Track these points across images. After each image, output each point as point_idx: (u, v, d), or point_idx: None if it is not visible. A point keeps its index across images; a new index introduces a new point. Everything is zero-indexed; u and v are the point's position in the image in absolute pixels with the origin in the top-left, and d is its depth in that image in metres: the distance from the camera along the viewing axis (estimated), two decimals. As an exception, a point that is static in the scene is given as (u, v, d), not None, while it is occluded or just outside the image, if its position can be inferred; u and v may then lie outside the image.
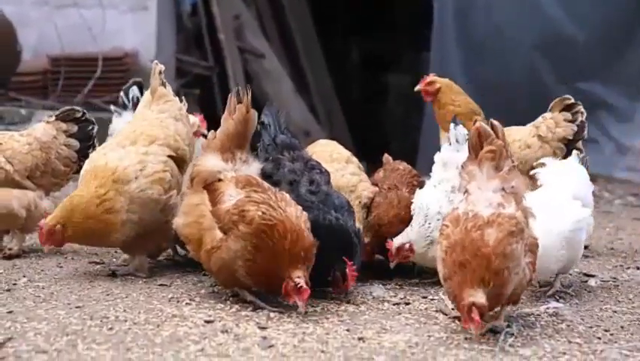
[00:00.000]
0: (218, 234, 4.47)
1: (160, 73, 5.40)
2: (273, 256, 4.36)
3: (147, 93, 5.48)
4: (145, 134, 5.23)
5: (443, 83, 6.61)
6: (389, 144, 15.17)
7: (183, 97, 5.57)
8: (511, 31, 12.26)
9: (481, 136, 4.28)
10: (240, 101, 4.83)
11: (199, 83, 12.48)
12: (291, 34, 15.08)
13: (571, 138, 6.13)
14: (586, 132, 6.23)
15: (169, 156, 5.21)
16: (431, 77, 6.62)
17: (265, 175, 4.85)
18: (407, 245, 5.09)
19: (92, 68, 11.16)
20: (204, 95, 12.26)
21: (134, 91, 6.75)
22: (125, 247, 5.29)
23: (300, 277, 4.30)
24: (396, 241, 5.10)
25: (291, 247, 4.37)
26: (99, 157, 5.16)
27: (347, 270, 4.62)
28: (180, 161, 5.28)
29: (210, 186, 4.65)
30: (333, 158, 5.69)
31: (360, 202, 5.45)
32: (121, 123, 6.34)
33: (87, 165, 5.19)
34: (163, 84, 5.41)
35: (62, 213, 4.97)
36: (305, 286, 4.29)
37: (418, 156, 11.68)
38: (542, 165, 5.37)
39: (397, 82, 17.50)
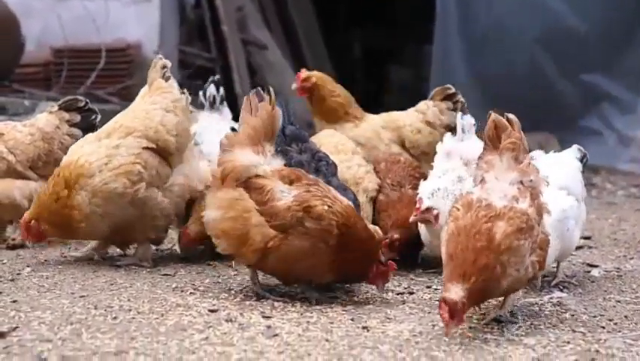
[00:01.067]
0: (272, 232, 4.39)
1: (163, 67, 5.38)
2: (351, 246, 4.43)
3: (146, 86, 5.45)
4: (123, 127, 5.21)
5: (317, 76, 6.62)
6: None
7: (186, 90, 5.50)
8: (514, 23, 12.25)
9: (497, 128, 4.21)
10: (261, 100, 4.68)
11: (202, 74, 12.45)
12: (293, 26, 15.06)
13: (454, 126, 6.11)
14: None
15: (149, 148, 5.18)
16: (305, 73, 6.60)
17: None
18: (435, 211, 5.08)
19: (95, 60, 11.15)
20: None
21: (211, 90, 6.71)
22: (114, 242, 5.37)
23: (384, 259, 4.51)
24: (427, 202, 5.10)
25: (362, 234, 4.48)
26: (74, 151, 5.20)
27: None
28: (164, 152, 5.24)
29: (250, 182, 4.49)
30: (339, 149, 5.70)
31: (367, 196, 5.46)
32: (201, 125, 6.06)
33: (64, 158, 5.22)
34: (165, 78, 5.37)
35: (33, 209, 5.13)
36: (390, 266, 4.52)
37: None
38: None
39: (399, 75, 17.52)
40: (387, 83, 17.79)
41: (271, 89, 4.75)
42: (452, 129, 5.93)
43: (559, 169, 5.10)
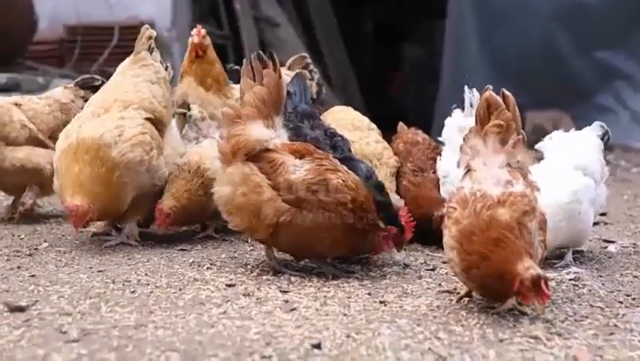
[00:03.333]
0: (284, 206, 4.38)
1: (150, 38, 5.31)
2: (364, 220, 4.44)
3: (126, 60, 5.37)
4: (119, 100, 5.14)
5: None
6: (403, 113, 15.19)
7: (168, 65, 5.44)
8: (529, 0, 12.21)
9: (490, 106, 4.09)
10: (265, 67, 4.61)
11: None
12: (305, 3, 15.03)
13: (315, 97, 6.10)
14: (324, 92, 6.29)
15: (148, 119, 5.14)
16: (205, 31, 6.18)
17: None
18: None
19: (108, 37, 11.15)
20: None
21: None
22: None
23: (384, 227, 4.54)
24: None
25: (372, 207, 4.49)
26: (74, 131, 5.02)
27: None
28: (159, 123, 5.21)
29: (261, 156, 4.47)
30: (356, 126, 5.70)
31: (390, 172, 5.45)
32: None
33: (63, 140, 5.03)
34: (150, 50, 5.31)
35: (84, 191, 4.84)
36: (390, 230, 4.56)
37: (434, 124, 11.67)
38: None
39: (411, 51, 17.48)
40: (399, 59, 17.75)
41: (273, 53, 4.67)
42: (313, 101, 5.91)
43: (576, 148, 5.06)
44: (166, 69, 5.37)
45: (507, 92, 4.15)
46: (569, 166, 4.94)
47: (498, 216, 3.80)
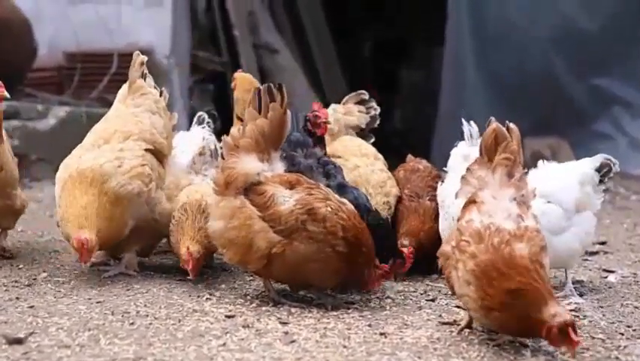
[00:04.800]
0: (276, 237, 4.38)
1: (142, 64, 5.29)
2: (356, 250, 4.41)
3: (124, 86, 5.35)
4: (119, 132, 5.09)
5: (239, 77, 6.21)
6: (402, 138, 15.19)
7: (164, 89, 5.39)
8: (526, 24, 12.22)
9: (497, 138, 4.11)
10: (272, 100, 4.63)
11: (213, 78, 12.48)
12: (304, 29, 15.07)
13: (363, 127, 6.17)
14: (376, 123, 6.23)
15: (148, 150, 5.11)
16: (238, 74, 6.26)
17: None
18: None
19: (107, 65, 11.15)
20: (218, 90, 12.25)
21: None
22: (119, 246, 5.14)
23: (378, 265, 4.52)
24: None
25: (365, 237, 4.46)
26: (74, 162, 4.97)
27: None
28: (159, 154, 5.19)
29: (252, 188, 4.47)
30: (363, 153, 5.72)
31: (387, 202, 5.46)
32: None
33: (63, 171, 4.98)
34: (143, 76, 5.29)
35: (91, 224, 4.76)
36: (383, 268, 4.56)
37: (433, 149, 11.69)
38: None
39: (410, 76, 17.51)
40: (398, 84, 17.78)
41: (284, 87, 4.67)
42: (361, 130, 6.08)
43: (549, 177, 5.02)
44: (161, 94, 5.35)
45: (512, 125, 4.16)
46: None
47: (517, 251, 3.76)
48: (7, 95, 5.01)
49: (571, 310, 4.56)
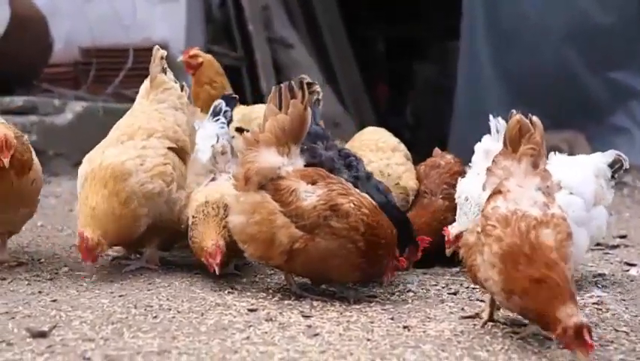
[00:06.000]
0: (298, 232, 4.37)
1: (162, 58, 5.21)
2: (377, 245, 4.40)
3: (146, 81, 5.27)
4: (142, 128, 5.04)
5: (206, 58, 6.61)
6: (418, 134, 15.18)
7: (184, 84, 5.36)
8: (541, 19, 12.19)
9: (521, 130, 4.08)
10: (293, 96, 4.61)
11: (228, 73, 12.47)
12: (318, 24, 15.07)
13: None
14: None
15: (171, 148, 5.05)
16: (195, 51, 6.64)
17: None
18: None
19: (123, 60, 11.18)
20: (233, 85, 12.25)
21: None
22: (138, 241, 5.13)
23: (397, 256, 4.51)
24: (453, 230, 5.04)
25: (387, 231, 4.44)
26: (97, 156, 4.95)
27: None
28: (182, 152, 5.12)
29: (273, 184, 4.46)
30: (379, 146, 5.68)
31: (405, 197, 5.43)
32: None
33: (86, 165, 4.95)
34: (164, 71, 5.22)
35: (97, 224, 4.73)
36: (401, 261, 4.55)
37: (449, 146, 11.66)
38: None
39: (425, 71, 17.48)
40: (412, 80, 17.76)
41: (304, 83, 4.68)
42: None
43: (566, 169, 4.98)
44: (182, 89, 5.28)
45: (535, 118, 4.14)
46: None
47: (544, 238, 3.73)
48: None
49: (593, 304, 4.56)
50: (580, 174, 4.98)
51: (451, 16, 13.23)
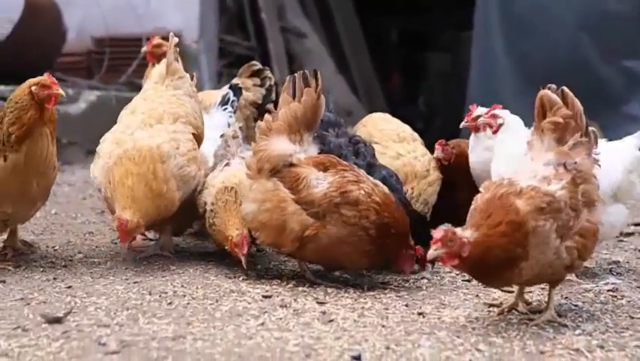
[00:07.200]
0: (309, 219, 4.36)
1: (176, 47, 5.20)
2: (387, 233, 4.38)
3: (161, 67, 5.24)
4: (167, 113, 5.00)
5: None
6: (430, 123, 15.17)
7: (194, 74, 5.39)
8: (556, 8, 12.13)
9: (544, 105, 4.05)
10: (307, 85, 4.60)
11: (241, 63, 12.47)
12: (331, 13, 15.05)
13: (260, 102, 6.24)
14: (274, 95, 6.30)
15: (193, 134, 5.04)
16: (158, 40, 6.70)
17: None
18: (499, 120, 5.07)
19: (135, 49, 11.16)
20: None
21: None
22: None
23: (412, 245, 4.48)
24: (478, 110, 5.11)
25: (399, 219, 4.43)
26: (126, 138, 4.85)
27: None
28: (198, 139, 5.10)
29: (284, 171, 4.46)
30: (401, 137, 5.58)
31: (434, 191, 5.38)
32: None
33: (114, 147, 4.83)
34: (177, 59, 5.21)
35: (137, 206, 4.65)
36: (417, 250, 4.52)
37: (461, 134, 11.61)
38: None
39: (437, 61, 17.46)
40: (424, 69, 17.73)
41: (319, 73, 4.67)
42: (259, 106, 6.16)
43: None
44: (192, 78, 5.30)
45: (567, 90, 4.09)
46: None
47: (512, 208, 3.73)
48: (63, 94, 4.76)
49: (608, 291, 4.55)
50: (605, 162, 4.77)
51: (464, 6, 13.19)
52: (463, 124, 5.16)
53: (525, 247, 3.71)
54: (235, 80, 6.32)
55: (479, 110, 5.08)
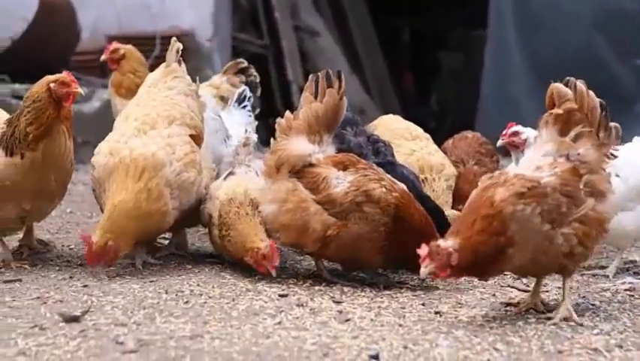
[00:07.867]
0: (331, 219, 4.36)
1: (178, 51, 5.09)
2: (409, 230, 4.36)
3: (156, 72, 5.14)
4: (161, 116, 4.83)
5: (127, 49, 6.81)
6: (443, 121, 15.13)
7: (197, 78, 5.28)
8: (570, 6, 12.10)
9: (553, 98, 4.05)
10: (330, 85, 4.58)
11: (255, 61, 12.47)
12: (344, 12, 15.04)
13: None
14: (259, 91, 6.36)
15: (190, 136, 4.90)
16: (115, 45, 6.84)
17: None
18: (524, 135, 5.11)
19: (149, 48, 11.17)
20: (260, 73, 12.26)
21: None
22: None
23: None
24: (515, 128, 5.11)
25: (420, 218, 4.43)
26: (121, 147, 4.70)
27: None
28: (197, 139, 4.96)
29: (304, 171, 4.45)
30: (414, 135, 5.63)
31: (450, 185, 5.39)
32: None
33: (108, 156, 4.72)
34: (179, 62, 5.10)
35: (111, 226, 4.49)
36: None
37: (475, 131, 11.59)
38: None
39: (450, 60, 17.43)
40: (437, 68, 17.71)
41: (342, 74, 4.65)
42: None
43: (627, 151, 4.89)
44: (194, 82, 5.17)
45: (578, 83, 4.09)
46: None
47: (493, 198, 3.79)
48: (82, 92, 4.73)
49: (626, 290, 4.53)
50: (633, 156, 4.85)
51: (476, 5, 13.17)
52: (499, 143, 5.19)
53: (506, 233, 3.75)
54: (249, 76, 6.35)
55: (520, 129, 5.07)
